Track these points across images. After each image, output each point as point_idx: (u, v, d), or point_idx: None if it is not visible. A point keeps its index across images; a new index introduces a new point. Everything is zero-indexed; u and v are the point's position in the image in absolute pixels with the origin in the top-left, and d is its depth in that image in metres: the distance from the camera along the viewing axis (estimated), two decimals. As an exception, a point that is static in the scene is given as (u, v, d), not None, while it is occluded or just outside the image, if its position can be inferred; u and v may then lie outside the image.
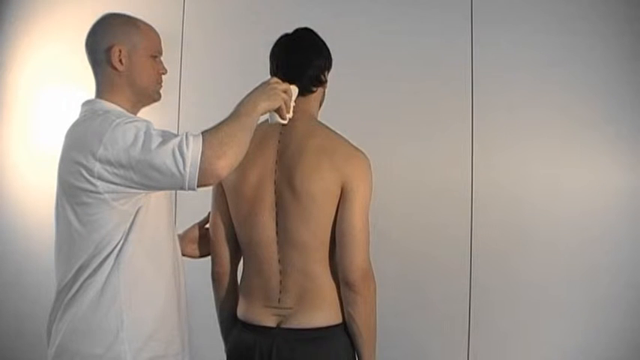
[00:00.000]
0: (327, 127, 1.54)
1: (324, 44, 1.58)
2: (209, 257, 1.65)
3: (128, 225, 1.33)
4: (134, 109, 1.44)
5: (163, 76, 1.49)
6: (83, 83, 1.41)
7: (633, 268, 1.98)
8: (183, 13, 2.69)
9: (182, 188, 1.26)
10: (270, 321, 1.49)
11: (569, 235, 2.04)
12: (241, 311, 1.56)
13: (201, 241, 1.67)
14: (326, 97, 1.63)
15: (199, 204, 1.67)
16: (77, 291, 1.33)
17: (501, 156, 2.14)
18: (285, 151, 1.49)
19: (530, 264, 2.09)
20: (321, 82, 1.56)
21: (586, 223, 2.03)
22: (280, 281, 1.50)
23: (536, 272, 2.08)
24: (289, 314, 1.48)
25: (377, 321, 1.51)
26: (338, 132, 1.54)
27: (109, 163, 1.25)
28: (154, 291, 1.39)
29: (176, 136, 1.27)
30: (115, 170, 1.25)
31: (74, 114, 1.42)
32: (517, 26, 2.15)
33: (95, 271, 1.32)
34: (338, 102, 1.81)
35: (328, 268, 1.49)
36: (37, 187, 2.90)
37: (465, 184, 2.16)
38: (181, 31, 2.68)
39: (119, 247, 1.33)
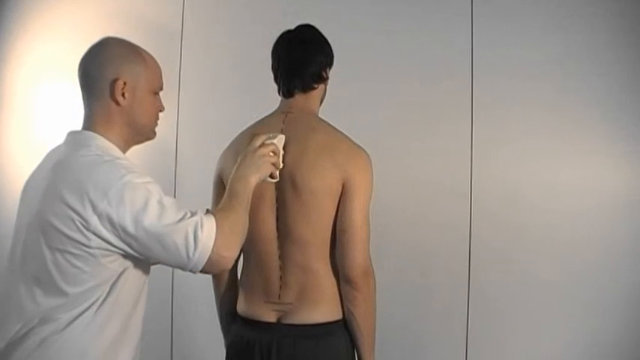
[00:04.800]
0: (328, 124, 1.54)
1: (326, 41, 1.58)
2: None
3: (110, 284, 1.21)
4: (126, 147, 1.33)
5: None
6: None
7: (632, 266, 1.99)
8: (183, 10, 2.68)
9: (181, 269, 1.20)
10: (270, 316, 1.49)
11: (567, 233, 2.05)
12: (241, 307, 1.56)
13: None
14: (327, 94, 1.63)
15: (199, 200, 1.66)
16: (36, 348, 1.16)
17: (501, 154, 2.15)
18: (286, 147, 1.48)
19: (529, 262, 2.09)
20: (323, 79, 1.56)
21: (584, 221, 2.03)
22: (280, 277, 1.50)
23: (535, 270, 2.09)
24: (289, 310, 1.48)
25: (377, 318, 1.51)
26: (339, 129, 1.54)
27: (111, 221, 1.14)
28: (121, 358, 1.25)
29: (190, 214, 1.20)
30: (115, 231, 1.15)
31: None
32: (517, 26, 2.15)
33: (64, 328, 1.17)
34: (338, 99, 1.81)
35: (329, 264, 1.49)
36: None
37: (464, 182, 2.17)
38: (181, 29, 2.67)
39: (97, 305, 1.19)
